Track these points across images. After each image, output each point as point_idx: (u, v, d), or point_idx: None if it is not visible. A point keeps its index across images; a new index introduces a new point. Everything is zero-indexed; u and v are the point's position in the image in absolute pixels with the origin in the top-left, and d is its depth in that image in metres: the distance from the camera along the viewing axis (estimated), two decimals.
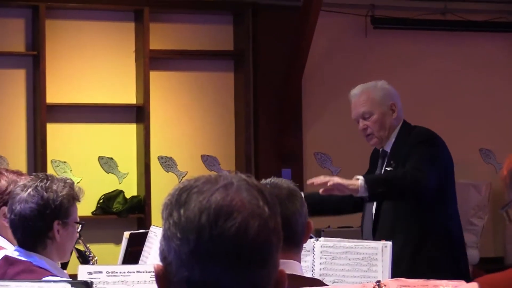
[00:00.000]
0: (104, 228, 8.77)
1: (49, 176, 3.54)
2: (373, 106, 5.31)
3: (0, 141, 8.82)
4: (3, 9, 8.84)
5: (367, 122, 5.31)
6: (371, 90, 5.37)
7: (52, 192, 3.47)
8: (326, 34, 9.44)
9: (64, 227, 3.51)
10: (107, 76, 9.08)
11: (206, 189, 1.68)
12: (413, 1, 9.79)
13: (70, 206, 3.52)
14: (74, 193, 3.54)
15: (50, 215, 3.46)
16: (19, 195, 3.48)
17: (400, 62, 9.65)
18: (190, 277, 1.64)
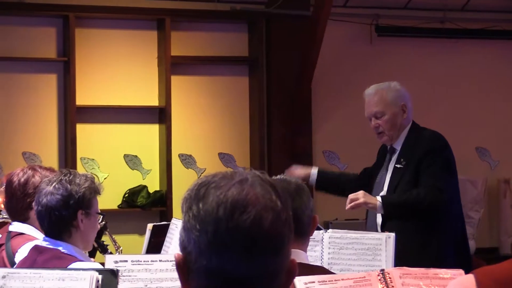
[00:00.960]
0: (129, 220, 8.78)
1: (71, 171, 3.57)
2: (385, 106, 5.27)
3: (34, 140, 8.84)
4: (36, 19, 8.86)
5: (379, 121, 5.27)
6: (384, 91, 5.31)
7: (75, 185, 3.49)
8: (334, 41, 9.42)
9: (87, 217, 3.52)
10: (132, 80, 9.09)
11: (223, 184, 1.67)
12: (414, 11, 9.78)
13: (92, 198, 3.54)
14: (95, 186, 3.56)
15: (73, 205, 3.47)
16: (45, 188, 3.49)
17: (403, 67, 9.63)
18: (208, 266, 1.64)
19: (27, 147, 8.82)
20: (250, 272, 1.63)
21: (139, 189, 9.03)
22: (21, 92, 8.80)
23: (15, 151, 8.76)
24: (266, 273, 1.65)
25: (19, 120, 8.79)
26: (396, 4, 9.77)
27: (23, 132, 8.80)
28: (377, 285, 2.99)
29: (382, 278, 3.01)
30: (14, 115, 8.78)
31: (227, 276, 1.63)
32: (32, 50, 8.81)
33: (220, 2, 9.27)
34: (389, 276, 3.02)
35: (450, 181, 5.11)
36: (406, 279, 3.03)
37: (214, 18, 9.33)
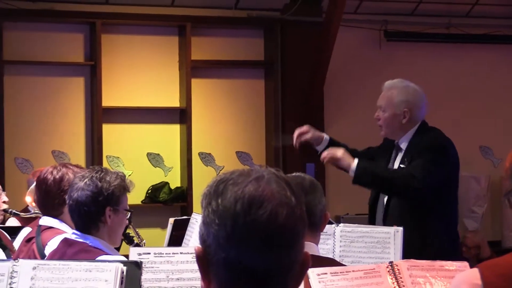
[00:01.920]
0: (152, 215, 8.79)
1: (103, 169, 3.56)
2: (389, 105, 5.20)
3: (63, 139, 8.86)
4: (65, 25, 8.88)
5: (380, 114, 5.24)
6: (396, 91, 5.19)
7: (105, 182, 3.48)
8: (345, 46, 9.41)
9: (115, 213, 3.51)
10: (155, 82, 9.10)
11: (240, 181, 1.67)
12: (421, 17, 9.77)
13: (121, 195, 3.53)
14: (125, 184, 3.55)
15: (102, 201, 3.47)
16: (77, 184, 3.49)
17: (410, 70, 9.59)
18: (226, 258, 1.63)
19: (56, 146, 8.84)
20: (266, 264, 1.63)
21: (161, 185, 9.04)
22: (51, 94, 8.83)
23: (45, 149, 8.79)
24: (281, 265, 1.64)
25: (49, 121, 8.82)
26: (404, 11, 9.75)
27: (52, 131, 8.83)
28: (386, 277, 2.98)
29: (391, 270, 3.00)
30: (44, 115, 8.80)
31: (245, 268, 1.63)
32: (61, 55, 8.83)
33: (238, 9, 9.28)
34: (398, 268, 3.01)
35: (432, 174, 4.97)
36: (414, 270, 3.02)
37: (232, 25, 9.33)
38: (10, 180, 8.47)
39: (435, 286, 3.01)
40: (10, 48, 8.64)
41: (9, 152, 8.64)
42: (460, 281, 2.29)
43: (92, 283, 2.70)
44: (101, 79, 8.79)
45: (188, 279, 3.10)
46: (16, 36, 8.71)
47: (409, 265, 3.05)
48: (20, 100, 8.72)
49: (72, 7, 8.79)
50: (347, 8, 9.08)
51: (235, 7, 9.28)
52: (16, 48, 8.68)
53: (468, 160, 8.83)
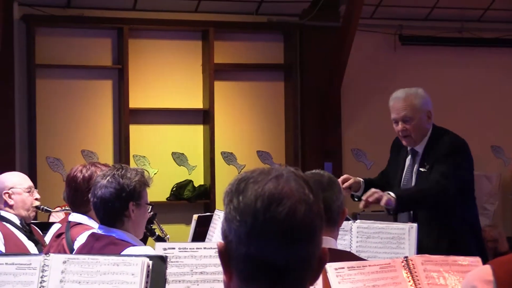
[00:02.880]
0: (176, 211, 8.80)
1: (124, 166, 3.57)
2: (414, 112, 5.08)
3: (91, 139, 8.89)
4: (94, 31, 8.91)
5: (406, 125, 5.07)
6: (413, 96, 5.09)
7: (126, 179, 3.49)
8: (361, 50, 9.39)
9: (138, 207, 3.52)
10: (179, 85, 9.11)
11: (260, 179, 1.66)
12: (435, 22, 9.73)
13: (142, 190, 3.54)
14: (144, 179, 3.56)
15: (125, 197, 3.48)
16: (100, 182, 3.50)
17: (424, 73, 9.58)
18: (247, 253, 1.63)
19: (85, 145, 8.87)
20: (285, 259, 1.62)
21: (186, 183, 9.05)
22: (80, 96, 8.86)
23: (75, 149, 8.83)
24: (299, 260, 1.64)
25: (79, 121, 8.85)
26: (418, 16, 9.72)
27: (82, 132, 8.86)
28: (401, 271, 2.97)
29: (405, 264, 2.99)
30: (74, 117, 8.84)
31: (264, 262, 1.62)
32: (90, 59, 8.86)
33: (258, 14, 9.28)
34: (412, 263, 3.00)
35: (460, 178, 4.95)
36: (428, 265, 3.00)
37: (253, 29, 9.33)
38: (41, 178, 8.51)
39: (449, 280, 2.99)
40: (42, 53, 8.68)
41: (41, 151, 8.68)
42: (473, 277, 2.27)
43: (120, 277, 2.71)
44: (128, 82, 8.82)
45: (211, 273, 3.10)
46: (47, 41, 8.75)
47: (423, 260, 3.03)
48: (51, 102, 8.76)
49: (101, 14, 8.83)
50: (364, 13, 9.06)
51: (256, 12, 9.28)
52: (47, 53, 8.72)
53: (480, 159, 8.78)
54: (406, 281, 2.94)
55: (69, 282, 2.72)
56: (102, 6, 8.84)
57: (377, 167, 6.98)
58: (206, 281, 3.08)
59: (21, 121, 8.63)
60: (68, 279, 2.72)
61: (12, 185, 4.77)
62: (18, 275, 2.73)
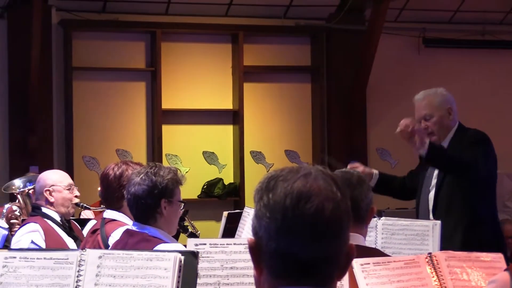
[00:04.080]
0: (207, 208, 8.82)
1: (157, 165, 3.57)
2: (433, 109, 5.17)
3: (126, 138, 8.93)
4: (128, 34, 8.95)
5: (428, 123, 5.17)
6: (432, 96, 5.19)
7: (159, 177, 3.48)
8: (386, 52, 9.36)
9: (170, 204, 3.52)
10: (210, 86, 9.13)
11: (289, 177, 1.66)
12: (457, 25, 9.68)
13: (174, 188, 3.53)
14: (177, 178, 3.55)
15: (158, 194, 3.47)
16: (134, 179, 3.50)
17: (447, 74, 9.53)
18: (276, 248, 1.63)
19: (120, 145, 8.91)
20: (314, 254, 1.62)
21: (216, 181, 9.07)
22: (115, 97, 8.90)
23: (110, 148, 8.87)
24: (327, 255, 1.63)
25: (113, 122, 8.89)
26: (441, 19, 9.68)
27: (116, 132, 8.90)
28: (425, 267, 2.95)
29: (429, 260, 2.97)
30: (109, 117, 8.88)
31: (293, 257, 1.62)
32: (125, 62, 8.90)
33: (286, 18, 9.28)
34: (436, 259, 2.98)
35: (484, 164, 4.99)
36: (451, 261, 2.98)
37: (281, 33, 9.33)
38: (78, 176, 8.55)
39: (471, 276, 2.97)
40: (79, 56, 8.73)
41: (77, 150, 8.73)
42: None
43: (153, 271, 2.71)
44: (161, 84, 8.85)
45: (241, 268, 3.10)
46: (84, 44, 8.80)
47: (446, 256, 3.01)
48: (87, 103, 8.81)
49: (134, 18, 8.86)
50: (388, 16, 9.03)
51: (284, 16, 9.28)
52: (84, 56, 8.77)
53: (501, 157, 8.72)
54: (430, 277, 2.93)
55: (104, 276, 2.73)
56: (136, 11, 8.87)
57: (401, 165, 6.96)
58: (236, 275, 3.08)
59: (59, 122, 8.69)
60: (103, 273, 2.73)
61: (53, 183, 4.80)
62: (56, 269, 2.75)
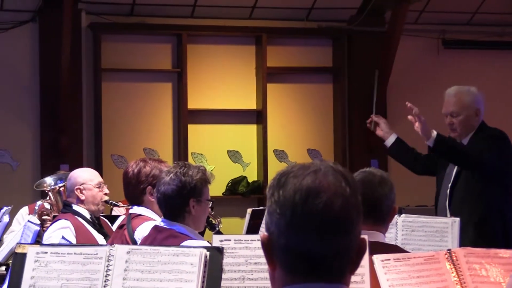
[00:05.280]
0: (232, 206, 8.82)
1: (186, 164, 3.57)
2: (461, 108, 5.14)
3: (153, 138, 8.95)
4: (155, 37, 8.98)
5: (454, 119, 5.15)
6: (463, 94, 5.16)
7: (188, 177, 3.49)
8: (406, 53, 9.32)
9: (198, 203, 3.52)
10: (234, 87, 9.13)
11: (299, 174, 1.65)
12: (476, 26, 9.62)
13: (203, 187, 3.53)
14: (206, 177, 3.55)
15: (186, 194, 3.48)
16: (164, 178, 3.51)
17: (466, 75, 9.46)
18: (287, 244, 1.62)
19: (147, 143, 8.94)
20: (324, 250, 1.60)
21: (240, 179, 9.07)
22: (142, 98, 8.93)
23: (138, 147, 8.90)
24: (337, 250, 1.61)
25: (141, 121, 8.92)
26: (460, 21, 9.62)
27: (144, 131, 8.93)
28: (445, 263, 2.94)
29: (449, 257, 2.95)
30: (137, 117, 8.91)
31: (303, 253, 1.61)
32: (152, 63, 8.93)
33: (309, 21, 9.27)
34: (455, 255, 2.96)
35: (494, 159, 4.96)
36: (470, 257, 2.96)
37: (303, 35, 9.31)
38: (107, 174, 8.59)
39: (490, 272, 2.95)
40: (107, 58, 8.77)
41: (106, 149, 8.77)
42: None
43: (179, 266, 2.72)
44: (187, 84, 8.86)
45: (265, 263, 3.09)
46: (112, 46, 8.83)
47: (465, 252, 2.99)
48: (116, 104, 8.85)
49: (161, 21, 8.89)
50: (408, 19, 9.00)
51: (306, 19, 9.27)
52: (112, 58, 8.80)
53: None
54: (449, 273, 2.91)
55: (132, 271, 2.74)
56: (162, 14, 8.90)
57: None
58: (260, 271, 3.08)
59: (88, 121, 8.73)
60: (131, 268, 2.74)
61: (83, 181, 4.83)
62: (86, 264, 2.76)
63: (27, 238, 5.11)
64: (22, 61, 8.56)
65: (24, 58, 8.56)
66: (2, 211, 5.63)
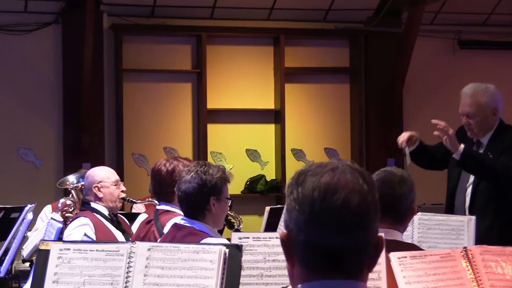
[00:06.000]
0: (250, 204, 8.83)
1: (207, 163, 3.58)
2: (478, 109, 4.96)
3: (172, 136, 8.97)
4: (175, 38, 9.00)
5: (470, 120, 4.99)
6: (480, 94, 4.99)
7: (208, 175, 3.49)
8: (422, 53, 9.28)
9: (218, 201, 3.53)
10: (252, 87, 9.13)
11: (317, 172, 1.65)
12: (492, 27, 9.57)
13: (223, 186, 3.54)
14: (225, 176, 3.56)
15: (207, 192, 3.48)
16: (184, 177, 3.52)
17: (481, 75, 9.39)
18: (305, 240, 1.62)
19: (167, 142, 8.96)
20: (341, 246, 1.61)
21: (259, 178, 9.07)
22: (163, 98, 8.95)
23: (158, 146, 8.92)
24: (354, 246, 1.61)
25: (161, 121, 8.94)
26: (476, 22, 9.57)
27: (164, 130, 8.95)
28: (460, 261, 2.92)
29: (464, 254, 2.94)
30: (157, 116, 8.93)
31: (321, 248, 1.61)
32: (172, 64, 8.95)
33: (326, 22, 9.25)
34: (471, 253, 2.95)
35: None
36: (486, 255, 2.95)
37: (320, 35, 9.30)
38: (128, 172, 8.63)
39: (506, 269, 2.93)
40: (129, 58, 8.80)
41: (127, 148, 8.80)
42: None
43: (199, 263, 2.72)
44: (206, 85, 8.88)
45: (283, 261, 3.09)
46: (133, 48, 8.86)
47: (481, 250, 2.98)
48: (137, 104, 8.87)
49: (181, 22, 8.90)
50: (424, 19, 8.96)
51: (324, 20, 9.25)
52: (133, 58, 8.83)
53: None
54: (465, 270, 2.89)
55: (153, 267, 2.75)
56: (182, 16, 8.91)
57: None
58: (278, 268, 3.08)
59: (110, 121, 8.76)
60: (152, 265, 2.75)
61: (101, 179, 4.85)
62: (108, 261, 2.77)
63: (50, 235, 5.14)
64: (45, 62, 8.61)
65: (47, 59, 8.61)
66: (26, 208, 5.66)
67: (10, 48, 8.49)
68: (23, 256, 5.74)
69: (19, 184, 8.44)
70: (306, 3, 9.09)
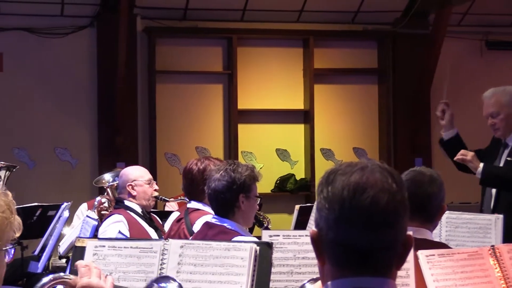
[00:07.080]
0: (280, 202, 8.82)
1: (236, 162, 3.59)
2: (500, 107, 5.03)
3: (204, 136, 8.99)
4: (206, 40, 9.02)
5: (495, 120, 5.04)
6: (500, 94, 5.05)
7: (237, 173, 3.50)
8: (450, 54, 9.21)
9: (247, 199, 3.53)
10: (282, 88, 9.13)
11: (347, 171, 1.66)
12: None
13: (251, 184, 3.55)
14: (254, 174, 3.57)
15: (236, 190, 3.49)
16: (214, 175, 3.54)
17: (509, 75, 9.33)
18: (335, 238, 1.62)
19: (199, 142, 8.99)
20: (370, 243, 1.61)
21: (288, 177, 9.07)
22: (195, 99, 8.97)
23: (190, 145, 8.95)
24: (383, 244, 1.61)
25: (193, 121, 8.97)
26: (503, 23, 9.49)
27: (196, 130, 8.97)
28: (488, 259, 2.90)
29: (492, 252, 2.92)
30: (189, 117, 8.96)
31: (351, 246, 1.61)
32: (203, 65, 8.97)
33: (354, 23, 9.22)
34: (499, 251, 2.92)
35: None
36: None
37: (349, 37, 9.27)
38: (161, 171, 8.66)
39: None
40: (161, 60, 8.83)
41: (160, 148, 8.84)
42: None
43: (230, 260, 2.73)
44: (237, 86, 8.89)
45: (312, 258, 3.09)
46: (166, 50, 8.89)
47: (509, 248, 2.95)
48: (169, 104, 8.91)
49: (212, 25, 8.92)
50: (452, 21, 8.90)
51: (352, 22, 9.22)
52: (166, 60, 8.87)
53: None
54: (493, 268, 2.87)
55: (185, 264, 2.76)
56: (214, 18, 8.93)
57: None
58: (307, 265, 3.07)
59: (143, 121, 8.80)
60: (184, 262, 2.76)
61: (135, 178, 4.88)
62: (142, 258, 2.79)
63: (86, 233, 5.18)
64: (81, 64, 8.67)
65: (82, 61, 8.67)
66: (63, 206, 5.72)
67: (47, 50, 8.57)
68: (60, 253, 5.80)
69: (55, 183, 8.52)
70: (335, 5, 9.06)
